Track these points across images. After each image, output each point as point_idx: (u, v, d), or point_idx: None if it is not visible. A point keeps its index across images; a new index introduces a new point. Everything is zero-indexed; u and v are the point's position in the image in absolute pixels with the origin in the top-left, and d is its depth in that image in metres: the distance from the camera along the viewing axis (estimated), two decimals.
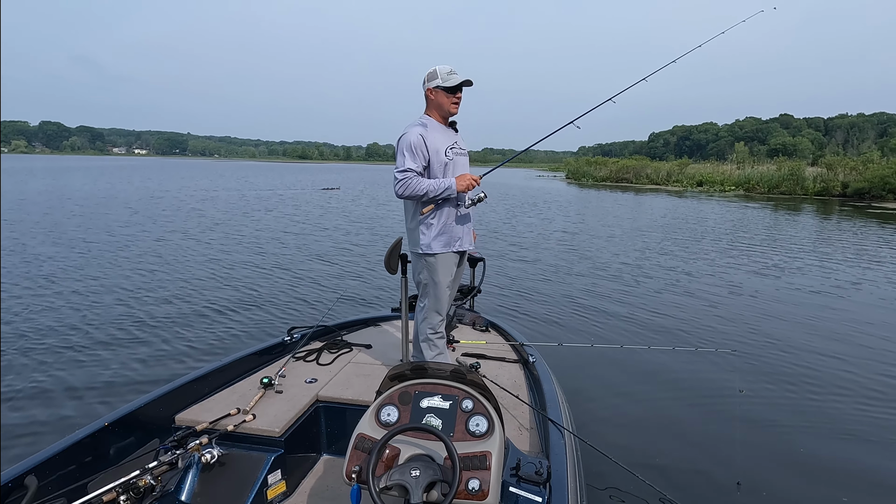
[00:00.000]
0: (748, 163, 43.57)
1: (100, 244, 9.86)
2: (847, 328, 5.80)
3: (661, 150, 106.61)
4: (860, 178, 26.50)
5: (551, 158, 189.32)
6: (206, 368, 2.50)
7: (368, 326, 3.56)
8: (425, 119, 2.54)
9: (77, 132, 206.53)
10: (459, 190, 2.44)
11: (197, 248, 9.85)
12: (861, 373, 4.54)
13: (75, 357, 4.49)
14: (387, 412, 1.71)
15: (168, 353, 4.63)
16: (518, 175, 66.98)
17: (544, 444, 2.09)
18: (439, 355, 2.66)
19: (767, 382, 4.31)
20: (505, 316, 5.84)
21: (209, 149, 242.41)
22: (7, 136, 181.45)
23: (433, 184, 2.42)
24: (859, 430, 3.59)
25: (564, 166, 66.03)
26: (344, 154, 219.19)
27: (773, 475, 3.04)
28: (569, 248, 10.72)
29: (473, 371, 1.87)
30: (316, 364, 2.84)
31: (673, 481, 2.94)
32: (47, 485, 1.74)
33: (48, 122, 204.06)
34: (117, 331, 5.16)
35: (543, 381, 2.54)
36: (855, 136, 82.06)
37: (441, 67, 2.46)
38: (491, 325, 3.53)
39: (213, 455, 2.01)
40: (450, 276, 2.60)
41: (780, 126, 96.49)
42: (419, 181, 2.42)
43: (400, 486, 1.45)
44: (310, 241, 11.01)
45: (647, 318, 5.98)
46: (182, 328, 5.28)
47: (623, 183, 41.32)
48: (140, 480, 1.78)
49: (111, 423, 2.00)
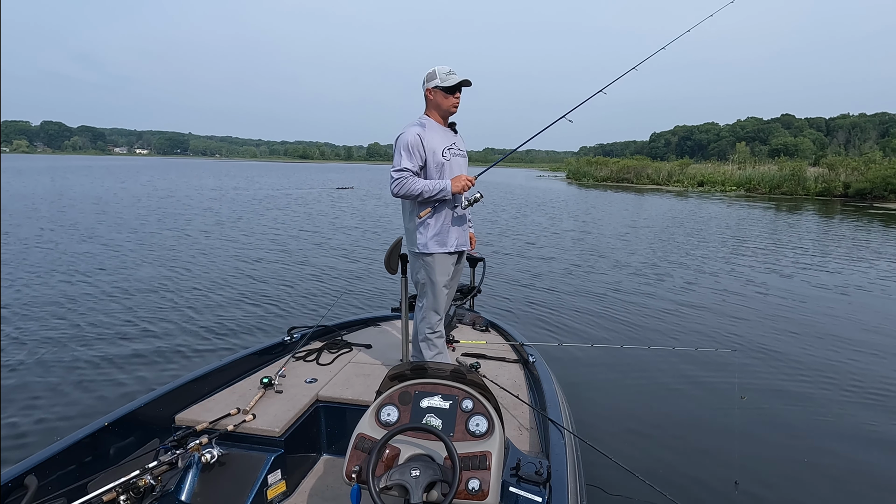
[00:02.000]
0: (749, 163, 43.48)
1: (99, 244, 9.88)
2: (848, 328, 5.79)
3: (662, 151, 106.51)
4: (862, 179, 26.46)
5: (552, 158, 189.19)
6: (206, 368, 2.51)
7: (368, 326, 3.56)
8: (424, 119, 2.55)
9: (78, 132, 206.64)
10: (454, 191, 2.45)
11: (197, 248, 9.85)
12: (861, 372, 4.53)
13: (75, 357, 4.49)
14: (387, 412, 1.71)
15: (168, 352, 4.64)
16: (519, 175, 67.01)
17: (544, 444, 2.09)
18: (438, 355, 2.66)
19: (767, 382, 4.30)
20: (505, 315, 5.84)
21: (210, 148, 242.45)
22: (9, 135, 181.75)
23: (428, 185, 2.43)
24: (859, 429, 3.59)
25: (565, 166, 65.99)
26: (345, 154, 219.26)
27: (772, 475, 3.04)
28: (569, 249, 10.71)
29: (473, 371, 1.87)
30: (316, 364, 2.84)
31: (673, 481, 2.94)
32: (47, 485, 1.74)
33: (50, 122, 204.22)
34: (117, 330, 5.16)
35: (543, 381, 2.54)
36: (857, 137, 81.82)
37: (440, 68, 2.47)
38: (491, 325, 3.53)
39: (213, 455, 2.01)
40: (447, 275, 2.60)
41: (782, 126, 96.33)
42: (414, 181, 2.42)
43: (400, 486, 1.45)
44: (316, 240, 11.01)
45: (647, 318, 5.98)
46: (182, 328, 5.29)
47: (624, 183, 41.30)
48: (140, 480, 1.78)
49: (111, 423, 2.00)
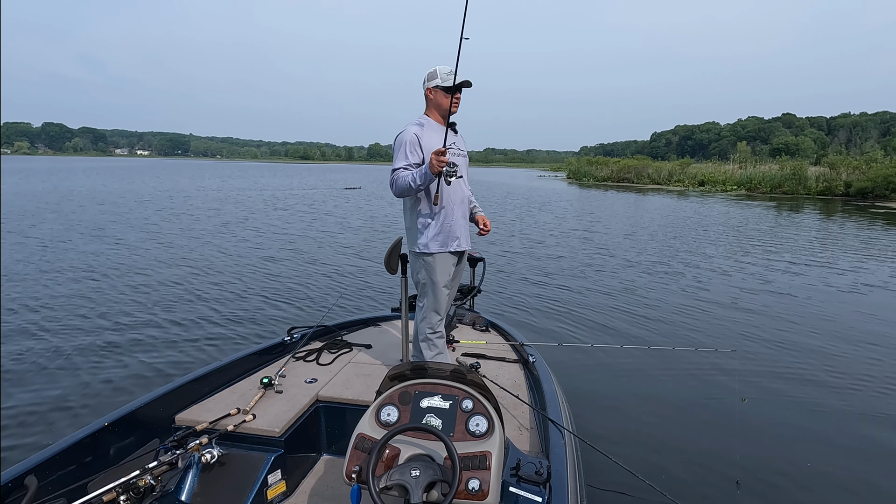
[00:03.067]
0: (750, 162, 43.42)
1: (100, 244, 9.89)
2: (848, 328, 5.78)
3: (663, 150, 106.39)
4: (863, 178, 26.39)
5: (553, 158, 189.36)
6: (206, 368, 2.51)
7: (368, 326, 3.56)
8: (423, 119, 2.55)
9: (80, 133, 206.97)
10: (433, 172, 2.34)
11: (199, 247, 9.87)
12: (862, 372, 4.52)
13: (75, 356, 4.49)
14: (387, 412, 1.71)
15: (168, 352, 4.64)
16: (519, 175, 67.04)
17: (544, 444, 2.09)
18: (438, 355, 2.66)
19: (767, 382, 4.30)
20: (505, 315, 5.84)
21: (211, 149, 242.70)
22: (10, 137, 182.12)
23: (413, 173, 2.41)
24: (860, 429, 3.58)
25: (566, 166, 65.98)
26: (346, 154, 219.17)
27: (772, 475, 3.03)
28: (569, 249, 10.71)
29: (473, 371, 1.87)
30: (316, 364, 2.84)
31: (673, 481, 2.93)
32: (47, 485, 1.74)
33: (51, 124, 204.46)
34: (117, 330, 5.16)
35: (543, 381, 2.54)
36: (858, 136, 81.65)
37: (441, 68, 2.47)
38: (491, 325, 3.53)
39: (213, 455, 2.02)
40: (447, 275, 2.59)
41: (783, 125, 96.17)
42: (405, 174, 2.42)
43: (400, 486, 1.45)
44: (319, 240, 11.02)
45: (648, 318, 5.97)
46: (182, 328, 5.29)
47: (624, 183, 41.26)
48: (140, 480, 1.78)
49: (111, 423, 2.00)
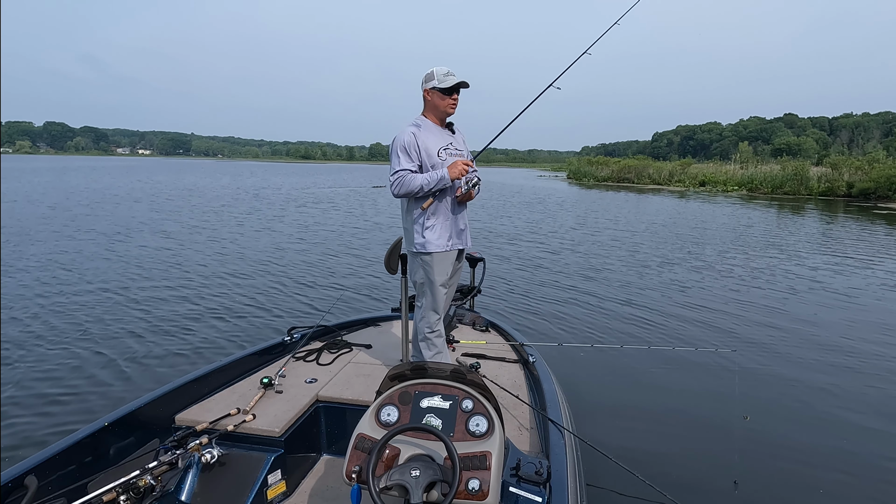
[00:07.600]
0: (752, 162, 43.33)
1: (100, 243, 9.91)
2: (849, 328, 5.77)
3: (664, 150, 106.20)
4: (865, 178, 26.30)
5: (554, 158, 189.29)
6: (206, 368, 2.51)
7: (368, 326, 3.56)
8: (420, 120, 2.56)
9: (81, 132, 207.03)
10: (453, 177, 2.43)
11: (198, 247, 9.87)
12: (861, 373, 4.51)
13: (75, 357, 4.50)
14: (387, 412, 1.71)
15: (168, 353, 4.64)
16: (520, 175, 66.98)
17: (544, 444, 2.09)
18: (437, 354, 2.66)
19: (767, 382, 4.29)
20: (505, 315, 5.83)
21: (213, 149, 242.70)
22: (12, 136, 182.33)
23: (426, 177, 2.43)
24: (860, 429, 3.58)
25: (567, 166, 65.91)
26: (347, 154, 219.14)
27: (772, 475, 3.03)
28: (569, 249, 10.70)
29: (473, 371, 1.87)
30: (316, 364, 2.84)
31: (673, 481, 2.93)
32: (47, 485, 1.75)
33: (52, 123, 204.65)
34: (117, 330, 5.17)
35: (543, 381, 2.54)
36: (860, 136, 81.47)
37: (438, 69, 2.47)
38: (491, 325, 3.53)
39: (213, 455, 2.02)
40: (446, 275, 2.59)
41: (785, 126, 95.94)
42: (413, 177, 2.43)
43: (400, 486, 1.45)
44: (323, 241, 11.02)
45: (648, 318, 5.97)
46: (182, 328, 5.29)
47: (624, 183, 41.22)
48: (140, 480, 1.78)
49: (111, 423, 2.01)
